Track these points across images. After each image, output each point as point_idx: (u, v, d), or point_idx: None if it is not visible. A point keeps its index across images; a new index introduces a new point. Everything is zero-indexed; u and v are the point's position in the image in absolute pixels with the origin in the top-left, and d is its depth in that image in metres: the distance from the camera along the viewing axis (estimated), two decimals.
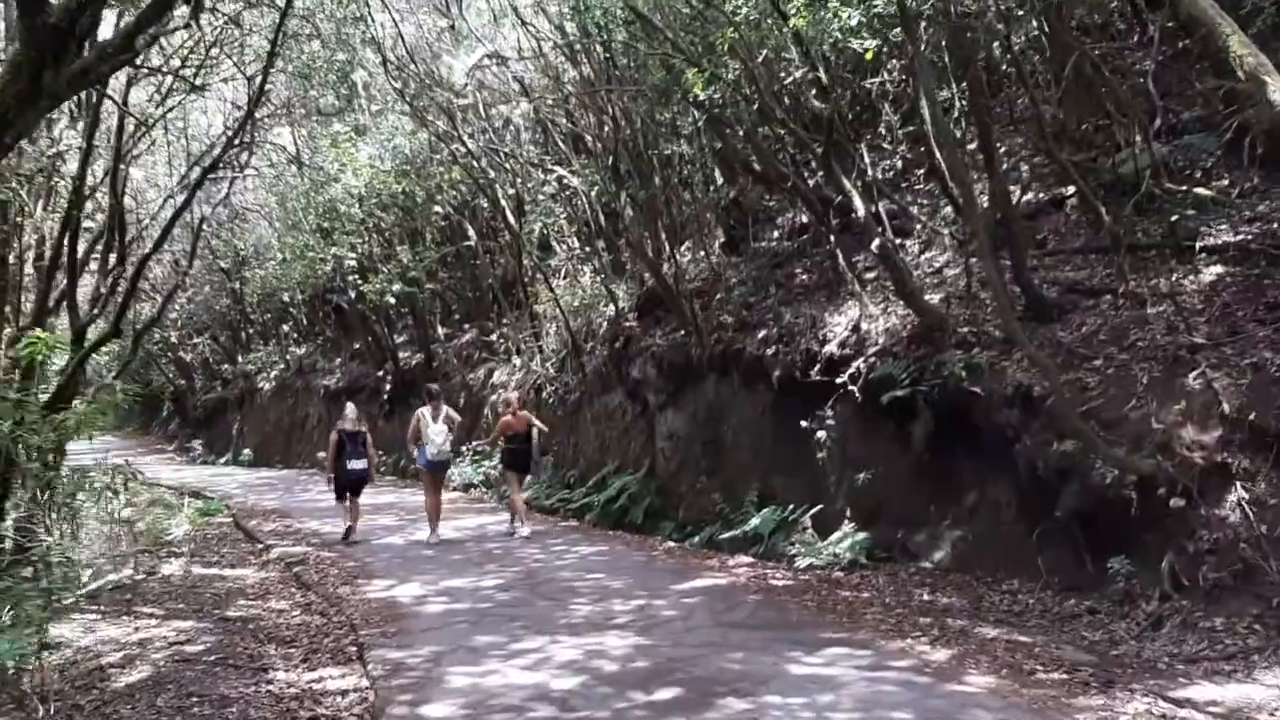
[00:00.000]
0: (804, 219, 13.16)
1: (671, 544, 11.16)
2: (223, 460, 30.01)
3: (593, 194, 16.21)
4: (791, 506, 10.37)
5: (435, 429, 11.48)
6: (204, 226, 28.09)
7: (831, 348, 10.42)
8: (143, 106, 16.09)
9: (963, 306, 9.77)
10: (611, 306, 14.90)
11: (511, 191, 18.02)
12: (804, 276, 12.05)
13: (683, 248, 14.56)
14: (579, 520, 13.39)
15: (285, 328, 29.81)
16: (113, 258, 15.86)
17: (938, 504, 9.14)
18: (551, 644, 6.89)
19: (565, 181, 16.63)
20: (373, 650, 6.90)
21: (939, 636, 6.83)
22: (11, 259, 16.91)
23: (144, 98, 16.72)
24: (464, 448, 18.62)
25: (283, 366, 28.79)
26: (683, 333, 12.68)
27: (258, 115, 18.39)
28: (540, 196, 17.21)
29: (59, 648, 7.25)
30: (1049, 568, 7.82)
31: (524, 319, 18.18)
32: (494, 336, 19.17)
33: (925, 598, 8.04)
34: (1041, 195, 10.89)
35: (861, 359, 9.97)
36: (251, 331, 32.83)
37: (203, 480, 23.50)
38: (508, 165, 17.66)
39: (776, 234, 13.56)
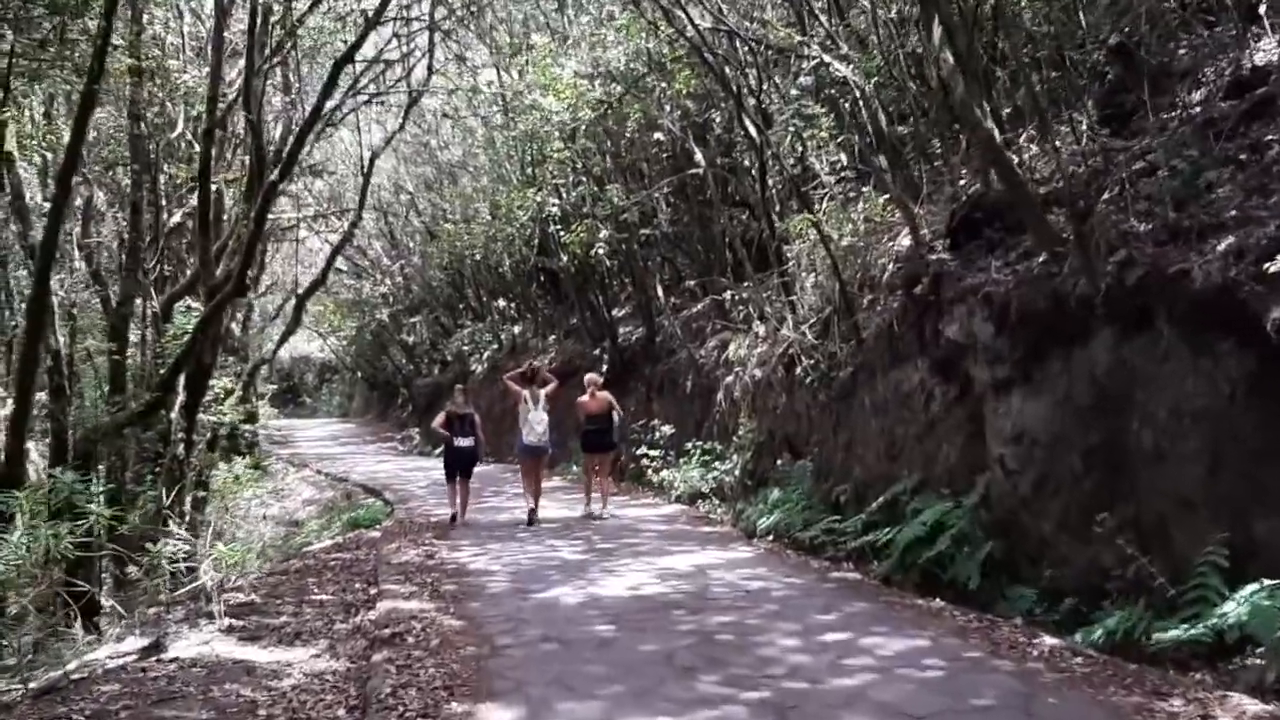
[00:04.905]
0: (1255, 61, 7.55)
1: (1052, 640, 5.89)
2: (437, 451, 27.13)
3: (869, 86, 11.13)
4: None
5: (535, 415, 11.52)
6: (401, 182, 25.47)
7: None
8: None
9: None
10: (907, 237, 9.73)
11: (753, 102, 13.20)
12: None
13: (1026, 133, 9.16)
14: (857, 567, 8.40)
15: (500, 303, 26.39)
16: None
17: None
18: None
19: (831, 74, 11.62)
20: None
21: None
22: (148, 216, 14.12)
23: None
24: (689, 444, 14.22)
25: (496, 346, 25.41)
26: (1043, 259, 7.39)
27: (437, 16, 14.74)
28: (793, 93, 12.22)
29: None
30: None
31: (770, 272, 13.32)
32: (728, 295, 14.38)
33: None
34: None
35: None
36: (463, 307, 29.87)
37: (396, 475, 20.35)
38: (749, 52, 12.83)
39: (1199, 95, 7.96)
